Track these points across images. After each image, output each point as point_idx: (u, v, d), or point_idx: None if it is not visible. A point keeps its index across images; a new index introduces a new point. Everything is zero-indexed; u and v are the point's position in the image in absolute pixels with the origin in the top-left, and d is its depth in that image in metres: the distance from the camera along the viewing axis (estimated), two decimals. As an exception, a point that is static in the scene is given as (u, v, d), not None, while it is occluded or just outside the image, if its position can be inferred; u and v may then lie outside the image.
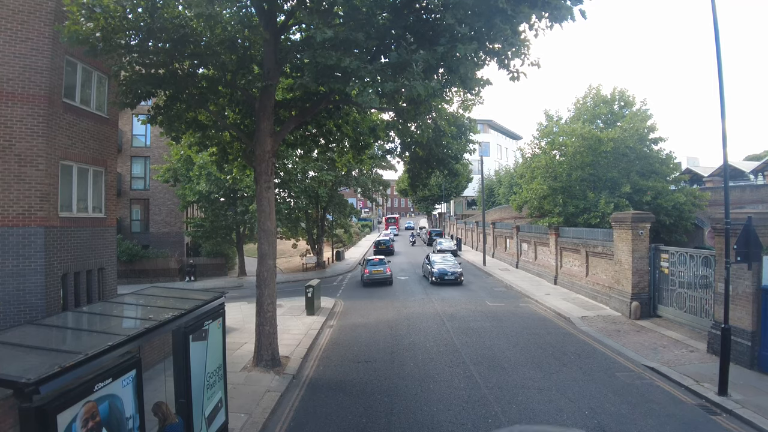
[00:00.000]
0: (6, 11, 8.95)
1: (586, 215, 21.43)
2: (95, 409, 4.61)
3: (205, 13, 7.90)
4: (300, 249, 38.01)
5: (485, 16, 7.97)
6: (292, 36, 12.10)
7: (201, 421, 6.76)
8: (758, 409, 8.13)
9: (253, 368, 11.03)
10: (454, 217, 66.99)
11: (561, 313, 16.54)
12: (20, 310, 8.84)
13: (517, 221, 33.23)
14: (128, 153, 31.43)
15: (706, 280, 12.70)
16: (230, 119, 12.86)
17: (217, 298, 7.99)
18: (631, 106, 24.37)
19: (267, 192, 11.34)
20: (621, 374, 10.35)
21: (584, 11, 8.32)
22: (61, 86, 9.74)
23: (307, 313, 17.31)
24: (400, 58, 8.07)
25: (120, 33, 8.90)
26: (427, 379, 10.36)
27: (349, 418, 8.58)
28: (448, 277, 23.89)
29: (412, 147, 14.19)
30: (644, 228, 15.50)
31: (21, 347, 5.18)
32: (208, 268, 32.56)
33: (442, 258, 26.29)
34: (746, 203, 25.21)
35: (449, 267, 24.56)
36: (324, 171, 28.70)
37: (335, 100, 11.68)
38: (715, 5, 9.00)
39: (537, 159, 24.38)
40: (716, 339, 10.64)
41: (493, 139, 70.29)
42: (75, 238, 10.15)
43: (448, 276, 23.89)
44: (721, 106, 9.22)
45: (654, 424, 7.92)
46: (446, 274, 23.98)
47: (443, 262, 25.30)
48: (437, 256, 26.71)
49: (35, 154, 9.09)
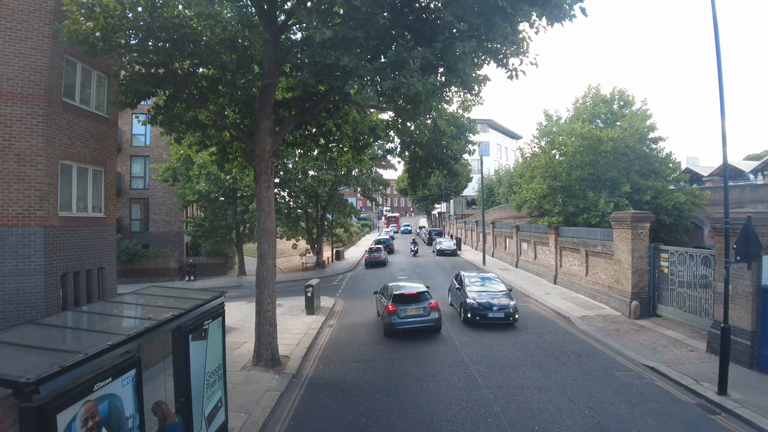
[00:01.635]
0: (5, 10, 8.94)
1: (586, 215, 21.44)
2: (95, 409, 4.61)
3: (204, 12, 7.89)
4: (300, 249, 38.02)
5: (485, 15, 7.96)
6: (292, 35, 12.11)
7: (201, 420, 6.76)
8: (758, 409, 8.14)
9: (253, 368, 11.03)
10: (453, 216, 67.00)
11: (561, 312, 16.54)
12: (20, 310, 8.83)
13: (516, 221, 33.25)
14: (128, 152, 31.41)
15: (706, 280, 12.70)
16: (230, 119, 12.85)
17: (217, 298, 7.99)
18: (631, 105, 24.38)
19: (267, 191, 11.34)
20: (620, 374, 10.35)
21: (584, 8, 8.32)
22: (60, 86, 9.72)
23: (307, 313, 17.31)
24: (398, 56, 8.07)
25: (120, 32, 8.91)
26: (426, 379, 10.37)
27: (349, 417, 8.58)
28: (494, 315, 14.58)
29: (412, 147, 14.20)
30: (644, 227, 15.51)
31: (21, 347, 5.17)
32: (207, 268, 32.56)
33: (482, 282, 16.71)
34: (746, 203, 25.20)
35: (494, 297, 15.34)
36: (324, 170, 28.69)
37: (335, 100, 11.68)
38: (715, 5, 9.00)
39: (537, 158, 24.38)
40: (716, 338, 10.65)
41: (492, 138, 70.29)
42: (75, 237, 10.15)
43: (494, 313, 14.59)
44: (720, 105, 9.23)
45: (653, 424, 7.93)
46: (490, 309, 14.69)
47: (484, 286, 16.32)
48: (472, 278, 17.26)
49: (35, 153, 9.08)
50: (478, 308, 14.70)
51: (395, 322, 13.84)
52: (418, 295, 14.42)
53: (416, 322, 13.89)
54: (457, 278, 17.66)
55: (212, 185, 27.61)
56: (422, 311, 14.03)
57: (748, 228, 8.91)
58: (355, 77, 8.24)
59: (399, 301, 14.15)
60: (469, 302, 15.03)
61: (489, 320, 14.57)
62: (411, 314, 13.96)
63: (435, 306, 14.16)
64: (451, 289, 18.09)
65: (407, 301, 14.20)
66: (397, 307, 13.98)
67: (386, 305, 14.34)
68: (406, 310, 13.96)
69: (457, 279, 17.61)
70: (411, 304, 14.11)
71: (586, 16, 8.41)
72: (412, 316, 13.94)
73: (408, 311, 13.95)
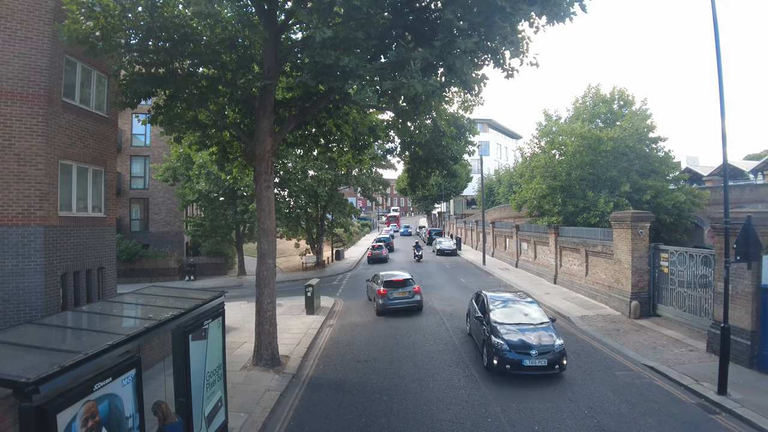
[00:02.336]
0: (5, 10, 8.94)
1: (586, 214, 21.45)
2: (95, 409, 4.62)
3: (204, 11, 7.88)
4: (300, 248, 38.03)
5: (484, 14, 7.97)
6: (292, 35, 12.11)
7: (201, 420, 6.76)
8: (758, 409, 8.14)
9: (253, 367, 11.03)
10: (453, 216, 66.97)
11: (561, 312, 16.54)
12: (20, 310, 8.84)
13: (516, 220, 33.25)
14: (128, 152, 31.40)
15: (706, 280, 12.71)
16: (230, 118, 12.86)
17: (217, 298, 8.00)
18: (631, 105, 24.37)
19: (267, 191, 11.34)
20: (620, 373, 10.35)
21: (584, 5, 8.29)
22: (60, 85, 9.72)
23: (307, 313, 17.31)
24: (398, 57, 8.07)
25: (120, 32, 8.90)
26: (426, 378, 10.37)
27: (349, 417, 8.58)
28: (532, 363, 10.04)
29: (412, 147, 14.20)
30: (644, 227, 15.51)
31: (21, 346, 5.18)
32: (207, 268, 32.57)
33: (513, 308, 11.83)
34: (746, 203, 25.20)
35: (532, 333, 10.64)
36: (324, 170, 28.68)
37: (335, 100, 11.68)
38: (715, 5, 9.00)
39: (536, 158, 24.38)
40: (716, 338, 10.66)
41: (492, 138, 70.27)
42: (74, 237, 10.15)
43: (533, 360, 10.05)
44: (720, 105, 9.22)
45: (653, 424, 7.93)
46: (527, 353, 10.11)
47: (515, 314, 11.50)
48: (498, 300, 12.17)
49: (35, 153, 9.08)
50: (508, 351, 10.12)
51: (386, 302, 16.92)
52: (404, 281, 17.54)
53: (403, 303, 17.00)
54: (478, 300, 12.85)
55: (212, 185, 27.61)
56: (407, 294, 17.12)
57: (747, 228, 8.91)
58: (355, 77, 8.25)
59: (389, 286, 17.24)
60: (495, 342, 10.38)
61: (525, 370, 9.99)
62: (399, 297, 17.03)
63: (418, 290, 17.44)
64: (470, 314, 13.38)
65: (396, 285, 17.29)
66: (387, 291, 17.06)
67: (378, 290, 17.37)
68: (395, 293, 17.02)
69: (478, 301, 12.82)
70: (399, 288, 17.18)
71: (586, 12, 8.37)
72: (399, 298, 17.01)
73: (396, 294, 17.01)
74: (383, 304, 16.87)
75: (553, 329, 10.89)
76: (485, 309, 11.91)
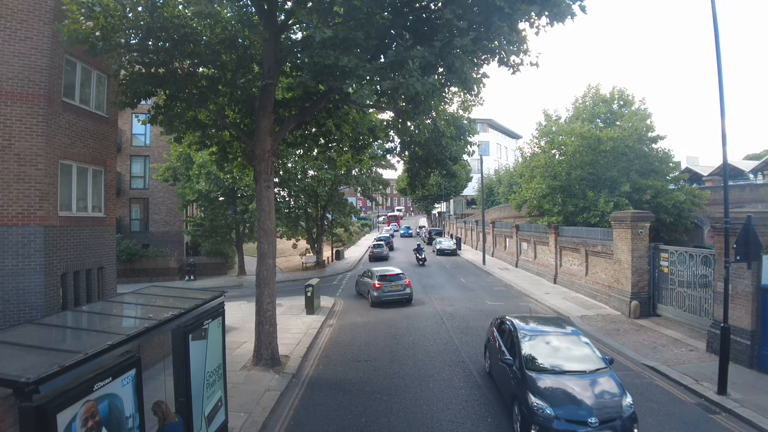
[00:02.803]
0: (5, 10, 8.93)
1: (586, 214, 21.45)
2: (95, 409, 4.62)
3: (204, 11, 7.88)
4: (300, 248, 38.03)
5: (483, 14, 7.97)
6: (292, 35, 12.10)
7: (201, 420, 6.76)
8: (757, 408, 8.14)
9: (253, 367, 11.03)
10: (453, 216, 66.96)
11: (561, 312, 16.54)
12: (20, 310, 8.83)
13: (516, 220, 33.25)
14: (128, 152, 31.39)
15: (706, 280, 12.71)
16: (230, 118, 12.85)
17: (217, 298, 8.00)
18: (631, 105, 24.36)
19: (267, 191, 11.34)
20: (620, 373, 10.28)
21: (584, 6, 8.30)
22: (60, 85, 9.72)
23: (307, 312, 17.32)
24: (398, 56, 8.08)
25: (120, 32, 8.89)
26: (426, 378, 10.37)
27: (349, 417, 8.59)
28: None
29: (412, 146, 14.19)
30: (644, 227, 15.51)
31: (21, 346, 5.18)
32: (207, 268, 32.55)
33: (554, 345, 8.39)
34: (746, 202, 25.19)
35: (586, 390, 7.21)
36: (323, 170, 28.67)
37: (335, 99, 11.68)
38: (714, 5, 9.00)
39: (536, 158, 24.38)
40: (716, 338, 10.66)
41: (492, 138, 70.26)
42: (74, 237, 10.14)
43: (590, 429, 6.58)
44: (720, 105, 9.23)
45: (653, 423, 7.93)
46: (587, 420, 6.66)
47: (559, 355, 8.10)
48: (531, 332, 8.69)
49: (34, 153, 9.07)
50: (554, 420, 6.77)
51: (380, 295, 18.55)
52: (397, 275, 19.35)
53: (396, 295, 18.70)
54: (503, 332, 9.51)
55: (212, 185, 27.59)
56: (400, 287, 18.85)
57: (747, 228, 8.91)
58: (355, 77, 8.25)
59: (383, 279, 19.01)
60: (534, 404, 7.06)
61: None
62: (392, 289, 18.71)
63: (408, 284, 19.16)
64: (488, 347, 10.48)
65: (389, 279, 19.03)
66: (382, 284, 18.76)
67: (373, 283, 19.04)
68: (388, 286, 18.74)
69: (503, 333, 9.45)
70: (392, 282, 18.93)
71: (585, 13, 8.38)
72: (392, 291, 18.70)
73: (390, 287, 18.73)
74: (378, 296, 18.38)
75: (615, 378, 7.58)
76: (515, 347, 8.42)
